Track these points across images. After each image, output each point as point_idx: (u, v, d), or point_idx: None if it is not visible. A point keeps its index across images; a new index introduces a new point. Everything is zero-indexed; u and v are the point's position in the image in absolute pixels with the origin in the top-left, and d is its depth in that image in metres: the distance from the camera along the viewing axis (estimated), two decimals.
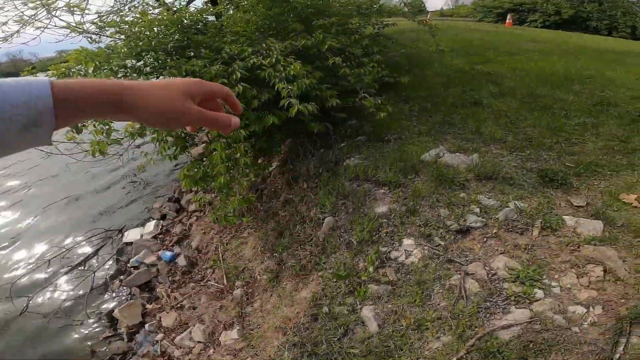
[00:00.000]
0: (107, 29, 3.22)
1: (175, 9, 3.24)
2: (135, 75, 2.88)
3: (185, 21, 2.97)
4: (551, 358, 1.36)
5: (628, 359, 1.25)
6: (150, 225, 4.32)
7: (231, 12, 3.70)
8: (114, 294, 3.42)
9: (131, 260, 3.72)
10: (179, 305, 3.07)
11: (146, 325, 2.93)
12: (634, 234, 2.04)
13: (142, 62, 2.94)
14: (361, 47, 3.23)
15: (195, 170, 2.66)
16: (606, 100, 3.66)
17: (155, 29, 2.86)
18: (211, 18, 4.24)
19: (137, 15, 3.05)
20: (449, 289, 1.84)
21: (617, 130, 3.09)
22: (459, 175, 2.54)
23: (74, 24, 3.39)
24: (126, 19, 3.13)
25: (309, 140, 3.46)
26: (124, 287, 3.45)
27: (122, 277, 3.58)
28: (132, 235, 4.26)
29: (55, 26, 4.04)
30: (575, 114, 3.47)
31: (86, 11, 3.51)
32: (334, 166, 3.08)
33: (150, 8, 3.32)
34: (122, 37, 3.05)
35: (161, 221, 4.48)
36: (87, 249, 4.09)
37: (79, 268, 3.82)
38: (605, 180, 2.44)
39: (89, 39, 3.37)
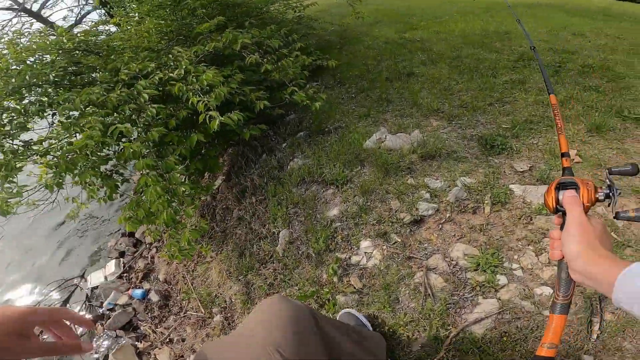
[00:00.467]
0: None
1: (61, 29, 2.67)
2: (22, 118, 2.36)
3: (67, 44, 2.47)
4: (529, 347, 1.31)
5: (607, 338, 1.24)
6: (111, 265, 3.95)
7: (129, 25, 3.19)
8: (101, 340, 3.10)
9: (104, 304, 3.46)
10: (168, 340, 2.87)
11: None
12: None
13: (27, 101, 2.42)
14: (280, 36, 2.94)
15: (135, 209, 2.29)
16: (526, 55, 3.76)
17: (29, 59, 2.35)
18: (114, 29, 3.66)
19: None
20: (415, 288, 1.75)
21: (542, 84, 3.17)
22: (404, 159, 2.44)
23: None
24: None
25: (249, 147, 3.19)
26: (107, 331, 3.18)
27: (101, 321, 3.31)
28: (95, 279, 3.89)
29: None
30: (501, 71, 3.52)
31: None
32: (278, 172, 2.86)
33: (23, 36, 2.70)
34: None
35: (121, 259, 4.11)
36: (55, 302, 3.66)
37: None
38: (542, 137, 2.48)
39: None
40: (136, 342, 2.98)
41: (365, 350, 1.25)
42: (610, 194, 0.69)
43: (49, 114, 2.53)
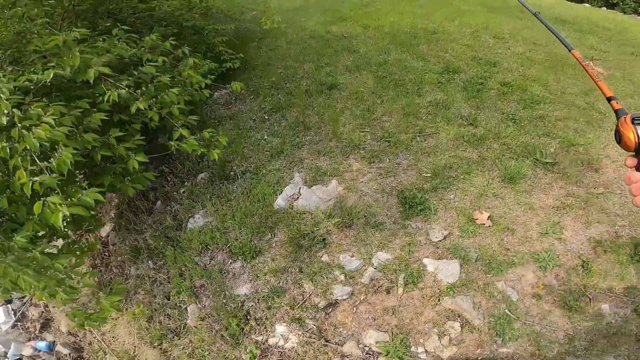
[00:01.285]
0: None
1: None
2: None
3: None
4: None
5: None
6: (0, 313, 3.39)
7: None
8: None
9: (8, 354, 3.13)
10: None
11: None
12: (486, 269, 2.05)
13: None
14: (160, 53, 2.26)
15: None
16: (452, 65, 3.57)
17: None
18: None
19: None
20: None
21: (464, 108, 3.05)
22: (319, 227, 2.17)
23: None
24: None
25: (140, 193, 2.62)
26: None
27: None
28: None
29: None
30: (426, 87, 3.31)
31: None
32: (176, 233, 2.41)
33: None
34: None
35: (9, 305, 3.48)
36: None
37: None
38: (460, 190, 2.37)
39: None
40: None
41: None
42: None
43: None
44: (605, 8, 13.36)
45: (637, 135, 0.63)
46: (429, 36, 4.19)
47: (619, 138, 0.66)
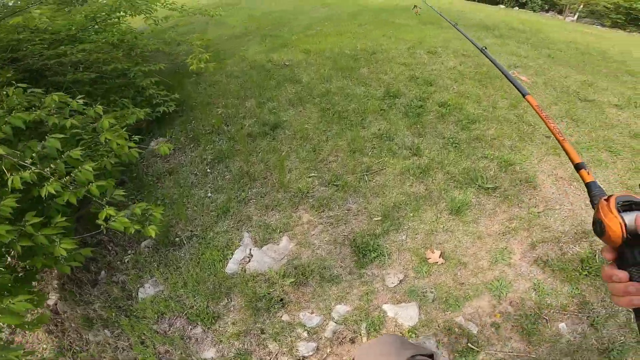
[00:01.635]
0: None
1: None
2: None
3: None
4: None
5: None
6: None
7: None
8: None
9: None
10: None
11: None
12: (444, 306, 2.07)
13: None
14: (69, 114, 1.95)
15: None
16: (392, 88, 3.64)
17: None
18: None
19: None
20: None
21: (407, 137, 3.10)
22: (274, 287, 2.09)
23: None
24: None
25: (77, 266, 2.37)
26: None
27: None
28: None
29: None
30: (369, 117, 3.34)
31: None
32: (128, 302, 2.22)
33: None
34: None
35: None
36: None
37: None
38: (410, 229, 2.39)
39: None
40: None
41: None
42: None
43: None
44: (517, 8, 14.62)
45: (625, 225, 0.50)
46: (369, 57, 4.24)
47: (600, 229, 0.53)
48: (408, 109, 3.40)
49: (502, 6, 14.06)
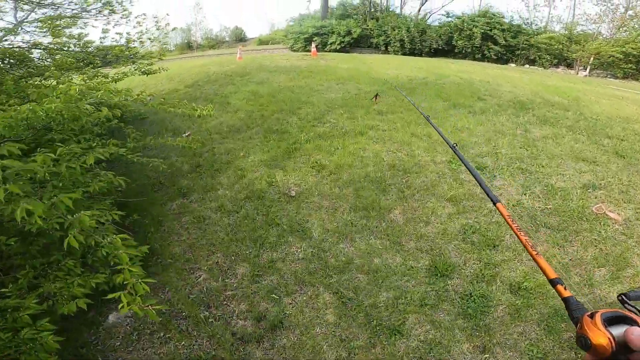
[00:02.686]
0: None
1: None
2: None
3: None
4: None
5: None
6: None
7: None
8: None
9: None
10: None
11: None
12: None
13: None
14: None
15: None
16: (438, 258, 2.60)
17: None
18: None
19: None
20: None
21: (466, 357, 2.03)
22: None
23: None
24: None
25: None
26: None
27: None
28: None
29: None
30: (410, 317, 2.29)
31: None
32: None
33: None
34: None
35: None
36: None
37: None
38: None
39: None
40: None
41: None
42: None
43: None
44: (527, 65, 13.97)
45: (614, 339, 0.49)
46: (400, 181, 3.28)
47: (585, 344, 0.51)
48: (464, 301, 2.34)
49: (512, 65, 13.93)
